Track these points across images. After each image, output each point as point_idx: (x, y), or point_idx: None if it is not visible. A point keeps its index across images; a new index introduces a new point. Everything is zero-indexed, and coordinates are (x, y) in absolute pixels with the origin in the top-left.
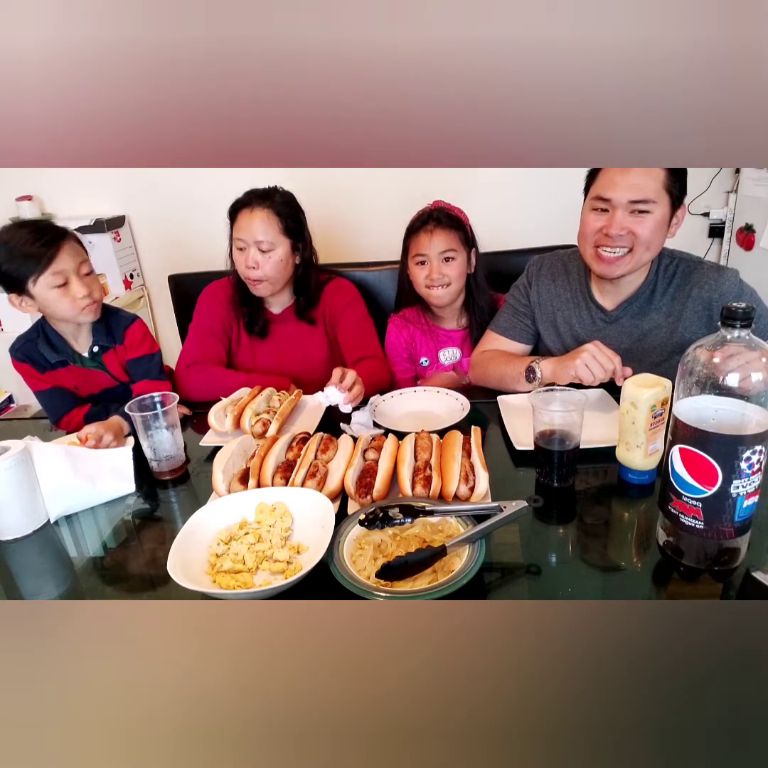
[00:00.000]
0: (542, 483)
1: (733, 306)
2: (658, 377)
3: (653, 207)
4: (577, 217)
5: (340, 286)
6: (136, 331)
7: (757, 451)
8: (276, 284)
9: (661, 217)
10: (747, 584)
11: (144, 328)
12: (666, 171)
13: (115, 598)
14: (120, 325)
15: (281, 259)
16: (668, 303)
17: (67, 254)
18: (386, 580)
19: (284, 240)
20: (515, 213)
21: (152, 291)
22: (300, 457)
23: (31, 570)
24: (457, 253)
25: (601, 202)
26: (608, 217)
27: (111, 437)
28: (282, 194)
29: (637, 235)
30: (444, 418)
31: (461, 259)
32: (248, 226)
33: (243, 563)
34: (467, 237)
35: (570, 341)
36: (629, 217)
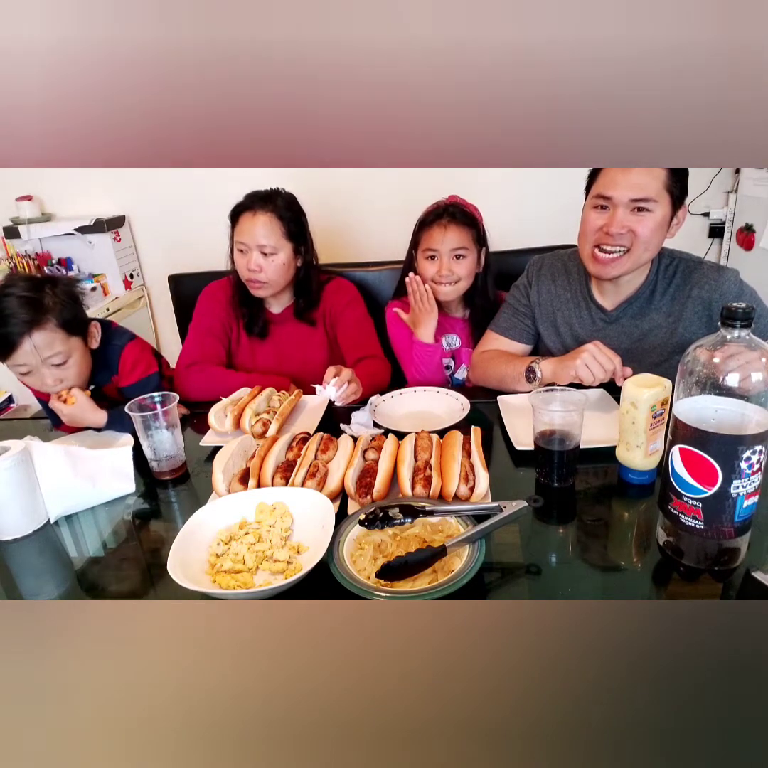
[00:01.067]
0: (542, 483)
1: (733, 306)
2: (658, 377)
3: (654, 206)
4: (578, 217)
5: (340, 286)
6: (128, 357)
7: (757, 451)
8: (277, 287)
9: (662, 217)
10: (747, 584)
11: (135, 350)
12: (667, 171)
13: (115, 598)
14: (114, 355)
15: (283, 263)
16: (668, 303)
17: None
18: (386, 580)
19: (286, 244)
20: (515, 213)
21: (152, 291)
22: (300, 457)
23: (31, 570)
24: (469, 251)
25: (603, 200)
26: (609, 216)
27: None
28: (284, 197)
29: (637, 233)
30: (444, 418)
31: (472, 257)
32: (251, 230)
33: (243, 563)
34: (479, 235)
35: (570, 341)
36: (630, 216)
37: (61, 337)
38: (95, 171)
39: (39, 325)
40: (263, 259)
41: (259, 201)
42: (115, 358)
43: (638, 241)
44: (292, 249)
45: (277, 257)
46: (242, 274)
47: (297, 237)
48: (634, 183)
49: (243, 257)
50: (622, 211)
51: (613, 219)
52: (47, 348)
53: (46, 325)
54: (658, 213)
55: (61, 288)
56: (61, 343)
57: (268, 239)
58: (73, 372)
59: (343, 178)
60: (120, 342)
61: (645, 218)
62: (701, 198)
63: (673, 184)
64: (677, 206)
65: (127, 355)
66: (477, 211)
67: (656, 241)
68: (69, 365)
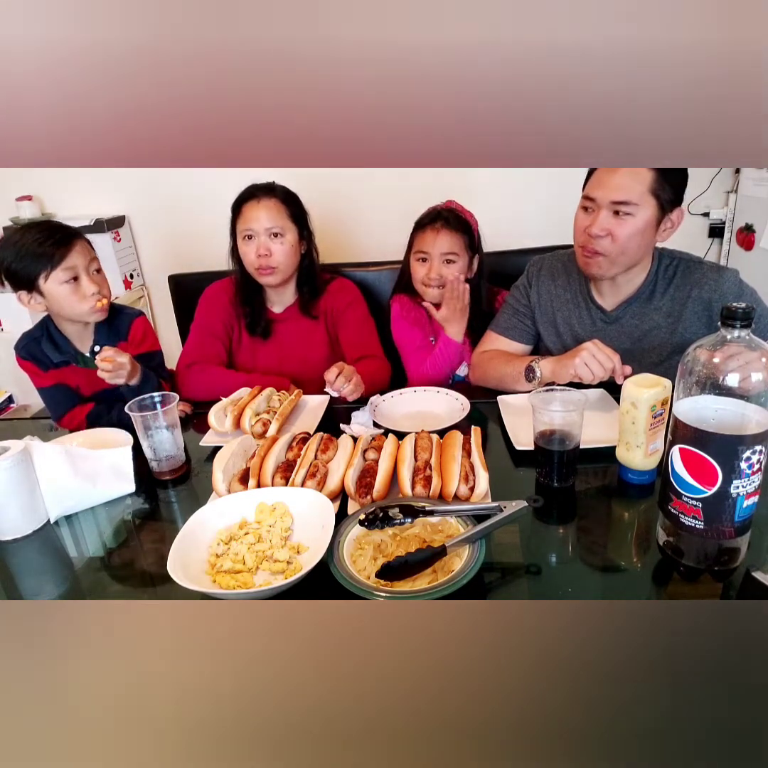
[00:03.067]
0: (542, 483)
1: (733, 306)
2: (658, 377)
3: (635, 210)
4: None
5: (342, 285)
6: (139, 326)
7: (757, 451)
8: (285, 272)
9: (644, 222)
10: (747, 584)
11: (146, 324)
12: (654, 174)
13: (115, 598)
14: (124, 322)
15: (291, 245)
16: (668, 303)
17: (78, 252)
18: (386, 580)
19: (292, 226)
20: (515, 213)
21: (152, 291)
22: (300, 457)
23: (31, 570)
24: (459, 257)
25: (588, 202)
26: (593, 217)
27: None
28: (282, 188)
29: (614, 236)
30: (444, 418)
31: (462, 263)
32: (257, 215)
33: (243, 563)
34: (472, 242)
35: (570, 341)
36: (611, 218)
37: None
38: (95, 171)
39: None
40: (272, 243)
41: (261, 190)
42: (125, 325)
43: (615, 244)
44: (297, 232)
45: (285, 239)
46: (250, 263)
47: (300, 221)
48: (616, 184)
49: (251, 244)
50: (605, 213)
51: (595, 221)
52: (89, 253)
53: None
54: (639, 218)
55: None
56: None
57: (275, 221)
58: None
59: (343, 178)
60: (132, 312)
61: (625, 222)
62: (701, 198)
63: (659, 188)
64: (667, 210)
65: (139, 326)
66: (472, 217)
67: (635, 246)
68: (101, 277)
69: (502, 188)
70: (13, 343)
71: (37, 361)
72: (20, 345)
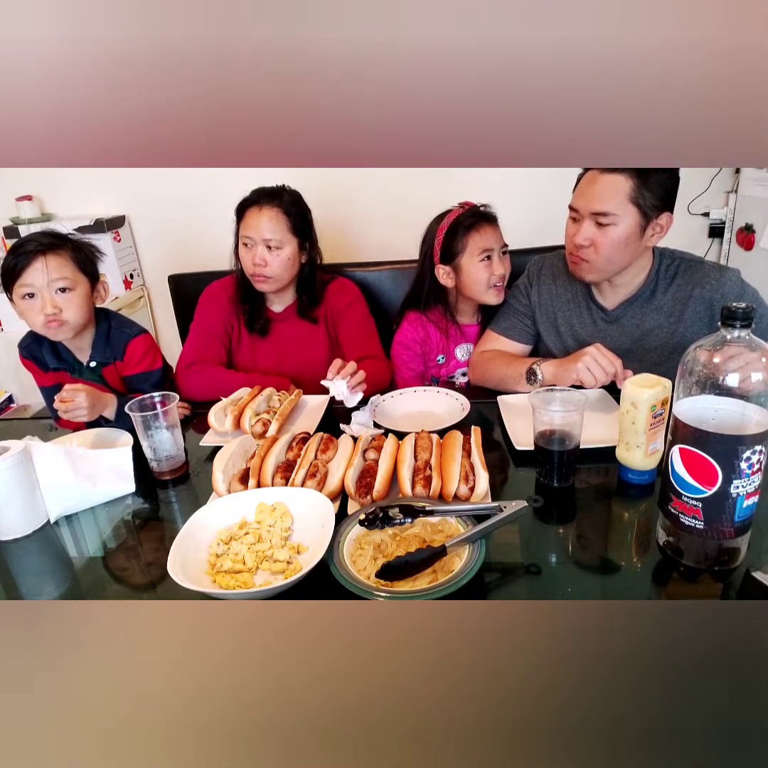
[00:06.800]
0: (542, 483)
1: (733, 306)
2: (658, 377)
3: (615, 220)
4: None
5: (342, 285)
6: (137, 347)
7: (757, 451)
8: (281, 282)
9: (625, 231)
10: (747, 584)
11: (146, 343)
12: (633, 182)
13: (114, 598)
14: (121, 341)
15: (288, 258)
16: (669, 303)
17: (37, 269)
18: (386, 580)
19: (292, 239)
20: (515, 213)
21: (152, 291)
22: (300, 457)
23: (31, 570)
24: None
25: (573, 212)
26: (577, 227)
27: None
28: (290, 193)
29: (597, 246)
30: (444, 418)
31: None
32: (257, 224)
33: (243, 563)
34: None
35: (570, 341)
36: (594, 228)
37: (72, 267)
38: (95, 171)
39: (54, 250)
40: (268, 254)
41: (265, 196)
42: (122, 343)
43: (598, 253)
44: (297, 244)
45: (282, 252)
46: (247, 269)
47: (302, 233)
48: (595, 194)
49: (248, 251)
50: (587, 224)
51: (578, 231)
52: (56, 270)
53: (60, 252)
54: (620, 227)
55: (83, 242)
56: (70, 272)
57: (273, 233)
58: (73, 305)
59: (344, 178)
60: (131, 331)
61: (607, 231)
62: (701, 198)
63: (639, 195)
64: (651, 216)
65: (138, 346)
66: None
67: (619, 254)
68: (71, 297)
69: (504, 188)
70: (13, 343)
71: (37, 361)
72: (23, 344)
